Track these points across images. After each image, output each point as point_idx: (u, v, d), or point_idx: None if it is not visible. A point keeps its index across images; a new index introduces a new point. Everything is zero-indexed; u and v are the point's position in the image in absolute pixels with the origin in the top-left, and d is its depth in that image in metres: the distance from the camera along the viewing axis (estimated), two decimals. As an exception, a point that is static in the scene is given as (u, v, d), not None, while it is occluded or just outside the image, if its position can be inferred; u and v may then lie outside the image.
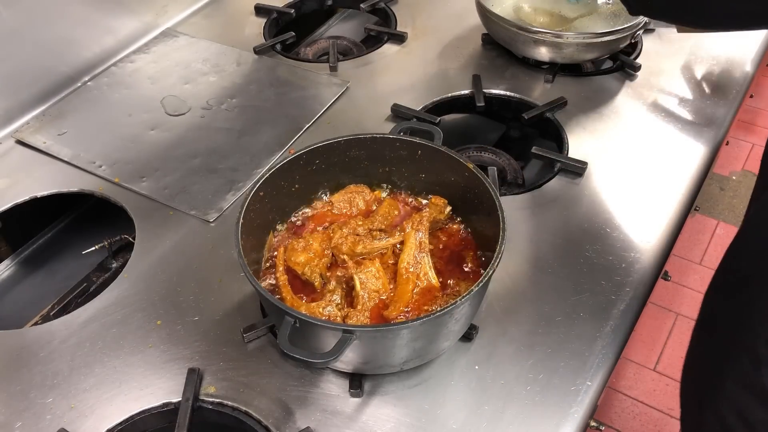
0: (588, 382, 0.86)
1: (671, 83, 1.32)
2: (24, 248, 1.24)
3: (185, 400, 0.84)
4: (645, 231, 1.05)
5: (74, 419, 0.84)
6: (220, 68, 1.39)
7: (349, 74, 1.37)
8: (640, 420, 1.93)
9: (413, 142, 0.95)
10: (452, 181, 0.94)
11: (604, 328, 0.92)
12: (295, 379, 0.87)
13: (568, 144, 1.20)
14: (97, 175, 1.16)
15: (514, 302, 0.95)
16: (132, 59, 1.42)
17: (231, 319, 0.94)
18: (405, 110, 1.25)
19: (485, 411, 0.84)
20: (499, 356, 0.89)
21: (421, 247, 0.91)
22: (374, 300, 0.87)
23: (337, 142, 0.95)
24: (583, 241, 1.03)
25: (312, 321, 0.75)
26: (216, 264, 1.02)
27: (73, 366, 0.90)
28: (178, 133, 1.24)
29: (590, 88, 1.31)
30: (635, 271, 0.99)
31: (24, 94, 1.27)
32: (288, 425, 0.83)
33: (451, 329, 0.84)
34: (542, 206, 1.09)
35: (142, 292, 0.99)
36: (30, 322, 1.07)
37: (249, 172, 1.16)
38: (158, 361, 0.90)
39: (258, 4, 1.56)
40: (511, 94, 1.31)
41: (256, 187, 0.88)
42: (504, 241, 0.81)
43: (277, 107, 1.29)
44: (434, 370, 0.88)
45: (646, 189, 1.12)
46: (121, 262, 1.14)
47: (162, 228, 1.08)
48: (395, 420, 0.83)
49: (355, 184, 1.01)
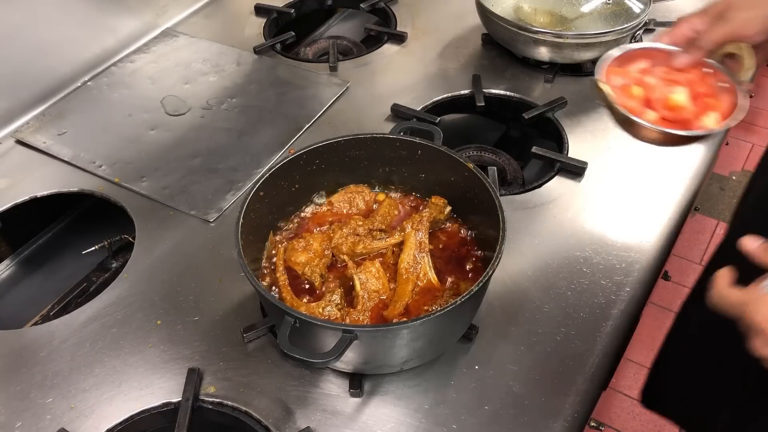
0: (588, 383, 0.86)
1: (671, 83, 1.32)
2: (24, 248, 1.24)
3: (185, 400, 0.84)
4: (645, 231, 1.05)
5: (74, 419, 0.84)
6: (220, 68, 1.39)
7: (349, 74, 1.37)
8: (640, 420, 1.93)
9: (413, 142, 0.95)
10: (452, 181, 0.94)
11: (604, 328, 0.92)
12: (295, 379, 0.87)
13: (568, 144, 1.20)
14: (97, 175, 1.16)
15: (514, 302, 0.95)
16: (132, 59, 1.42)
17: (231, 319, 0.94)
18: (405, 110, 1.25)
19: (485, 411, 0.84)
20: (499, 356, 0.89)
21: (421, 247, 0.91)
22: (374, 300, 0.87)
23: (337, 142, 0.95)
24: (583, 241, 1.03)
25: (312, 321, 0.75)
26: (216, 264, 1.02)
27: (73, 366, 0.90)
28: (178, 133, 1.25)
29: (590, 88, 1.31)
30: (635, 271, 0.99)
31: (24, 94, 1.27)
32: (288, 425, 0.83)
33: (450, 329, 0.84)
34: (542, 206, 1.09)
35: (142, 292, 0.99)
36: (30, 322, 1.07)
37: (249, 172, 1.16)
38: (158, 361, 0.90)
39: (258, 4, 1.56)
40: (511, 94, 1.31)
41: (256, 187, 0.88)
42: (504, 241, 0.81)
43: (277, 107, 1.29)
44: (434, 370, 0.88)
45: (646, 189, 1.12)
46: (121, 262, 1.14)
47: (162, 228, 1.08)
48: (395, 420, 0.83)
49: (355, 184, 1.01)
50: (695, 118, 0.89)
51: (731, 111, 0.88)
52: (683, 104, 0.89)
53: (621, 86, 0.92)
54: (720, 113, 0.89)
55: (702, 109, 0.89)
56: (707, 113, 0.89)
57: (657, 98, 0.90)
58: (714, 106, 0.89)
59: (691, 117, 0.89)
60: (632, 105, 0.90)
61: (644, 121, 0.87)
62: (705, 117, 0.89)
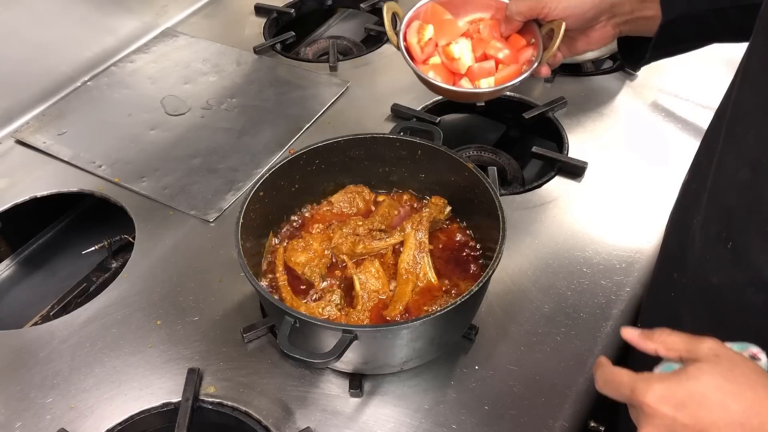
0: (588, 383, 0.86)
1: (671, 83, 1.32)
2: (24, 248, 1.24)
3: (185, 400, 0.84)
4: (645, 231, 1.05)
5: (74, 419, 0.84)
6: (220, 68, 1.39)
7: (349, 74, 1.37)
8: (640, 420, 1.92)
9: (413, 142, 0.95)
10: (452, 181, 0.94)
11: (604, 328, 0.92)
12: (295, 379, 0.87)
13: (568, 144, 1.20)
14: (97, 175, 1.16)
15: (514, 302, 0.95)
16: (132, 59, 1.42)
17: (231, 319, 0.94)
18: (405, 110, 1.25)
19: (485, 411, 0.84)
20: (499, 356, 0.89)
21: (421, 247, 0.91)
22: (374, 300, 0.87)
23: (337, 142, 0.95)
24: (583, 240, 1.03)
25: (312, 321, 0.75)
26: (216, 264, 1.02)
27: (73, 366, 0.90)
28: (178, 133, 1.24)
29: (590, 88, 1.31)
30: (635, 271, 0.99)
31: (24, 94, 1.27)
32: (288, 425, 0.83)
33: (450, 329, 0.84)
34: (542, 206, 1.09)
35: (142, 292, 0.99)
36: (30, 322, 1.07)
37: (249, 172, 1.16)
38: (158, 361, 0.90)
39: (258, 4, 1.56)
40: (511, 94, 1.31)
41: (256, 187, 0.88)
42: (504, 241, 0.81)
43: (277, 107, 1.29)
44: (434, 370, 0.88)
45: (646, 189, 1.12)
46: (121, 262, 1.14)
47: (162, 228, 1.08)
48: (395, 420, 0.83)
49: (355, 184, 1.01)
50: (472, 77, 0.93)
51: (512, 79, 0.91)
52: (457, 56, 0.92)
53: (419, 26, 0.95)
54: (496, 79, 0.92)
55: (485, 71, 0.93)
56: (487, 77, 0.92)
57: (441, 44, 0.94)
58: (496, 73, 0.92)
59: (464, 72, 0.93)
60: (414, 42, 0.94)
61: (412, 63, 0.93)
62: (483, 79, 0.92)
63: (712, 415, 0.51)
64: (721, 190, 0.65)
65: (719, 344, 0.55)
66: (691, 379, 0.53)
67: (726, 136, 0.65)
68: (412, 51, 0.94)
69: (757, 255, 0.60)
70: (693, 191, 0.73)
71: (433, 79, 0.92)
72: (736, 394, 0.51)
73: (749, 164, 0.60)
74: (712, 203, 0.67)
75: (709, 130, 0.72)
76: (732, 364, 0.53)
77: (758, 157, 0.59)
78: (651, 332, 0.59)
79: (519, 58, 0.94)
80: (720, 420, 0.51)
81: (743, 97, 0.62)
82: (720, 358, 0.53)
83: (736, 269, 0.63)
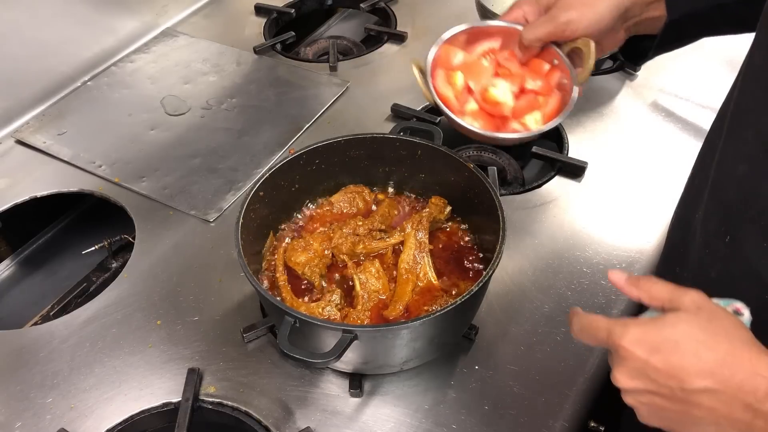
0: (588, 382, 0.86)
1: (671, 83, 1.32)
2: (24, 248, 1.23)
3: (185, 400, 0.84)
4: (645, 231, 1.05)
5: (74, 419, 0.84)
6: (220, 68, 1.39)
7: (349, 74, 1.37)
8: (640, 420, 1.92)
9: (413, 142, 0.95)
10: (452, 181, 0.94)
11: (604, 328, 0.92)
12: (295, 379, 0.87)
13: (568, 144, 1.20)
14: (97, 175, 1.16)
15: (514, 302, 0.95)
16: (132, 59, 1.42)
17: (231, 319, 0.94)
18: (405, 110, 1.25)
19: (485, 411, 0.84)
20: (499, 356, 0.89)
21: (421, 247, 0.91)
22: (374, 300, 0.87)
23: (337, 142, 0.95)
24: (583, 240, 1.03)
25: (312, 321, 0.75)
26: (216, 264, 1.02)
27: (73, 366, 0.90)
28: (178, 133, 1.24)
29: (590, 88, 1.31)
30: (635, 271, 0.99)
31: (24, 94, 1.27)
32: (288, 425, 0.83)
33: (450, 329, 0.84)
34: (542, 206, 1.09)
35: (142, 292, 0.99)
36: (30, 322, 1.07)
37: (249, 172, 1.16)
38: (158, 361, 0.90)
39: (258, 4, 1.56)
40: (511, 94, 1.31)
41: (256, 187, 0.88)
42: (504, 241, 0.81)
43: (277, 107, 1.29)
44: (434, 370, 0.88)
45: (646, 189, 1.12)
46: (121, 262, 1.14)
47: (162, 228, 1.08)
48: (395, 420, 0.83)
49: (355, 184, 1.01)
50: (516, 115, 0.86)
51: (558, 111, 0.84)
52: (501, 100, 0.85)
53: (446, 73, 0.88)
54: (543, 113, 0.85)
55: (527, 106, 0.85)
56: (532, 111, 0.85)
57: (478, 90, 0.87)
58: (540, 104, 0.85)
59: (510, 114, 0.86)
60: (449, 94, 0.87)
61: (454, 115, 0.85)
62: (528, 115, 0.85)
63: (684, 361, 0.52)
64: (721, 186, 0.66)
65: (703, 297, 0.56)
66: (668, 326, 0.54)
67: (727, 132, 0.65)
68: (450, 104, 0.87)
69: (753, 249, 0.61)
70: (696, 187, 0.73)
71: (483, 131, 0.85)
72: (711, 345, 0.52)
73: (748, 159, 0.61)
74: (712, 198, 0.67)
75: (712, 127, 0.72)
76: (712, 315, 0.54)
77: (755, 153, 0.60)
78: (638, 278, 0.60)
79: (551, 84, 0.88)
80: (691, 367, 0.52)
81: (745, 93, 0.63)
82: (701, 310, 0.54)
83: (733, 263, 0.64)
